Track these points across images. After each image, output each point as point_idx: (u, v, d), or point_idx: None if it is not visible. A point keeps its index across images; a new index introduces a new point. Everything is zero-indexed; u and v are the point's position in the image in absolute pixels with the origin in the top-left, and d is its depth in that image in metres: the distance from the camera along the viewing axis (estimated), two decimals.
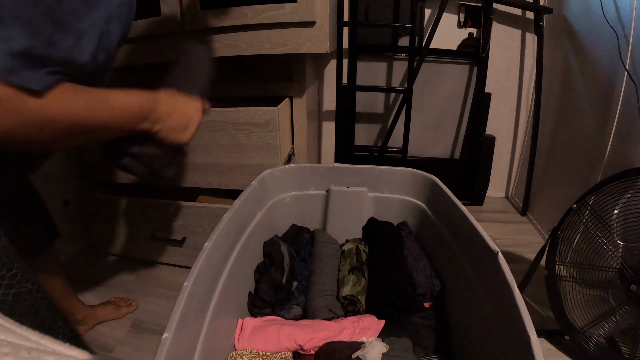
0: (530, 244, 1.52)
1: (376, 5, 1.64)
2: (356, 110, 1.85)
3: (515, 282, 0.55)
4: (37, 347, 0.20)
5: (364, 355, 0.65)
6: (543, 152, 1.68)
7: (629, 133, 1.12)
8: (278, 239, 0.95)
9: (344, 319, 0.80)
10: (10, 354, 0.18)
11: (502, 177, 1.96)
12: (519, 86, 1.77)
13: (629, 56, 1.12)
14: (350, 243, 0.98)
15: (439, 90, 1.79)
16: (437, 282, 0.85)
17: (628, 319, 0.86)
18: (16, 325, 0.21)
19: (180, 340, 0.50)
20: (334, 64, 1.61)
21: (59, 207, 1.35)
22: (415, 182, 0.97)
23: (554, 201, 1.55)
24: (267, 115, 1.11)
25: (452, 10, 1.65)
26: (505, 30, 1.68)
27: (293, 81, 1.29)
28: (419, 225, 0.99)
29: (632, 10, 1.10)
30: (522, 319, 0.49)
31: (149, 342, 1.05)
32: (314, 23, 1.09)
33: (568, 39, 1.50)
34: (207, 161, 1.21)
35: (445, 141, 1.90)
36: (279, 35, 1.12)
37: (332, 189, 0.99)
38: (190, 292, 0.54)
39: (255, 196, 0.89)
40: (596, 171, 1.24)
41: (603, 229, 0.89)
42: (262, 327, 0.76)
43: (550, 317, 1.01)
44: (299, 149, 1.36)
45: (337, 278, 0.90)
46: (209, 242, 0.64)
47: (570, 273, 0.96)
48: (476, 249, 0.68)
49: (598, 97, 1.29)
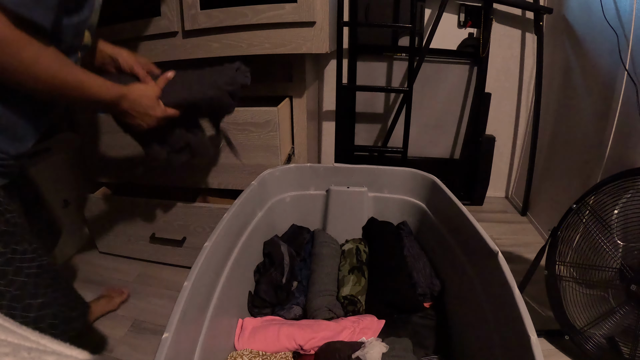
0: (530, 244, 1.52)
1: (376, 5, 1.64)
2: (356, 110, 1.84)
3: (515, 282, 0.55)
4: (37, 347, 0.20)
5: (364, 355, 0.65)
6: (543, 152, 1.68)
7: (629, 133, 1.12)
8: (278, 239, 0.95)
9: (344, 319, 0.80)
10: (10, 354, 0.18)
11: (502, 177, 1.96)
12: (519, 86, 1.77)
13: (629, 56, 1.12)
14: (350, 243, 0.98)
15: (439, 90, 1.79)
16: (437, 282, 0.85)
17: (628, 319, 0.86)
18: (16, 325, 0.21)
19: (180, 340, 0.50)
20: (334, 64, 1.61)
21: (59, 207, 1.35)
22: (415, 182, 0.97)
23: (554, 201, 1.55)
24: (267, 115, 1.11)
25: (452, 10, 1.65)
26: (505, 30, 1.68)
27: (293, 81, 1.28)
28: (419, 225, 0.99)
29: (632, 10, 1.10)
30: (522, 319, 0.49)
31: (149, 342, 1.05)
32: (314, 23, 1.09)
33: (568, 39, 1.50)
34: (207, 161, 1.22)
35: (445, 141, 1.90)
36: (279, 35, 1.12)
37: (332, 189, 0.99)
38: (190, 292, 0.54)
39: (255, 196, 0.89)
40: (596, 171, 1.23)
41: (603, 229, 0.89)
42: (262, 327, 0.76)
43: (550, 317, 1.01)
44: (299, 149, 1.36)
45: (337, 278, 0.90)
46: (209, 242, 0.64)
47: (570, 273, 0.96)
48: (476, 249, 0.68)
49: (598, 97, 1.29)
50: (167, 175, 1.27)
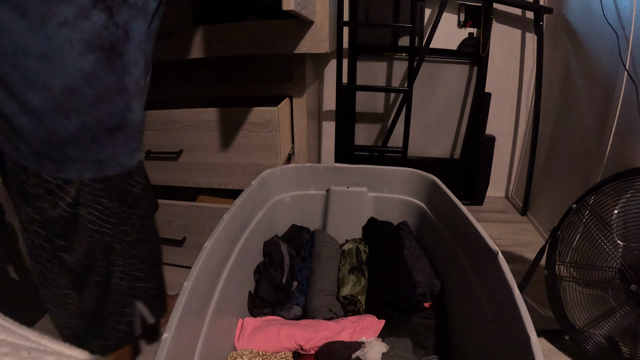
0: (530, 244, 1.52)
1: (376, 5, 1.64)
2: (356, 110, 1.84)
3: (515, 282, 0.55)
4: (37, 347, 0.20)
5: (364, 355, 0.65)
6: (543, 152, 1.68)
7: (629, 133, 1.12)
8: (278, 239, 0.95)
9: (344, 319, 0.80)
10: (10, 354, 0.18)
11: (502, 177, 1.96)
12: (519, 86, 1.77)
13: (629, 56, 1.12)
14: (350, 243, 0.98)
15: (439, 90, 1.79)
16: (437, 282, 0.85)
17: (628, 318, 0.86)
18: (16, 325, 0.21)
19: (180, 340, 0.50)
20: (334, 64, 1.61)
21: None
22: (415, 182, 0.97)
23: (554, 201, 1.55)
24: (267, 115, 1.11)
25: (452, 10, 1.65)
26: (505, 30, 1.68)
27: (293, 81, 1.28)
28: (419, 225, 0.99)
29: (632, 10, 1.10)
30: (522, 319, 0.49)
31: (149, 342, 1.05)
32: (314, 23, 1.09)
33: (568, 39, 1.50)
34: (207, 161, 1.22)
35: (445, 141, 1.90)
36: (279, 35, 1.12)
37: (332, 189, 0.99)
38: (190, 292, 0.54)
39: (255, 196, 0.89)
40: (596, 171, 1.23)
41: (603, 229, 0.89)
42: (262, 327, 0.76)
43: (550, 317, 1.01)
44: (299, 149, 1.36)
45: (337, 278, 0.90)
46: (209, 242, 0.64)
47: (570, 273, 0.96)
48: (476, 249, 0.68)
49: (598, 97, 1.29)
50: (167, 175, 1.27)
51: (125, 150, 0.65)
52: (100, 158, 0.61)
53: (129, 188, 0.67)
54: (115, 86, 0.59)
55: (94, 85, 0.57)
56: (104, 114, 0.59)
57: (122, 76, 0.60)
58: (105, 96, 0.58)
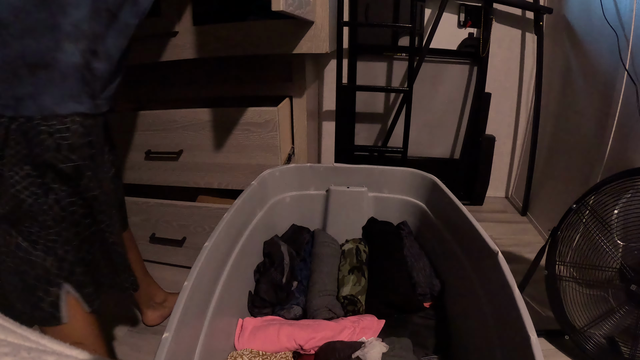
0: (530, 244, 1.52)
1: (376, 5, 1.64)
2: (356, 110, 1.84)
3: (515, 282, 0.55)
4: (37, 347, 0.20)
5: (364, 355, 0.65)
6: (543, 152, 1.68)
7: (629, 133, 1.12)
8: (278, 239, 0.95)
9: (344, 319, 0.80)
10: (10, 354, 0.18)
11: (502, 177, 1.96)
12: (519, 86, 1.77)
13: (629, 56, 1.12)
14: (350, 243, 0.98)
15: (439, 90, 1.79)
16: (437, 282, 0.85)
17: (628, 318, 0.86)
18: (16, 325, 0.21)
19: (180, 340, 0.50)
20: (334, 64, 1.61)
21: None
22: (415, 182, 0.97)
23: (554, 201, 1.55)
24: (267, 115, 1.11)
25: (452, 10, 1.65)
26: (505, 30, 1.68)
27: (293, 81, 1.28)
28: (419, 225, 0.99)
29: (632, 10, 1.10)
30: (522, 319, 0.49)
31: (149, 342, 1.05)
32: (314, 23, 1.09)
33: (568, 39, 1.50)
34: (207, 161, 1.22)
35: (445, 141, 1.90)
36: (279, 35, 1.12)
37: (332, 189, 0.99)
38: (190, 292, 0.54)
39: (255, 196, 0.89)
40: (596, 171, 1.23)
41: (603, 229, 0.89)
42: (262, 327, 0.76)
43: (550, 317, 1.01)
44: (299, 149, 1.36)
45: (337, 278, 0.90)
46: (209, 242, 0.64)
47: (570, 273, 0.96)
48: (476, 249, 0.68)
49: (598, 97, 1.29)
50: (167, 175, 1.27)
51: (49, 93, 0.59)
52: (18, 95, 0.58)
53: (47, 139, 0.60)
54: (45, 23, 0.57)
55: (21, 19, 0.55)
56: (28, 49, 0.57)
57: (55, 14, 0.57)
58: (31, 31, 0.56)
